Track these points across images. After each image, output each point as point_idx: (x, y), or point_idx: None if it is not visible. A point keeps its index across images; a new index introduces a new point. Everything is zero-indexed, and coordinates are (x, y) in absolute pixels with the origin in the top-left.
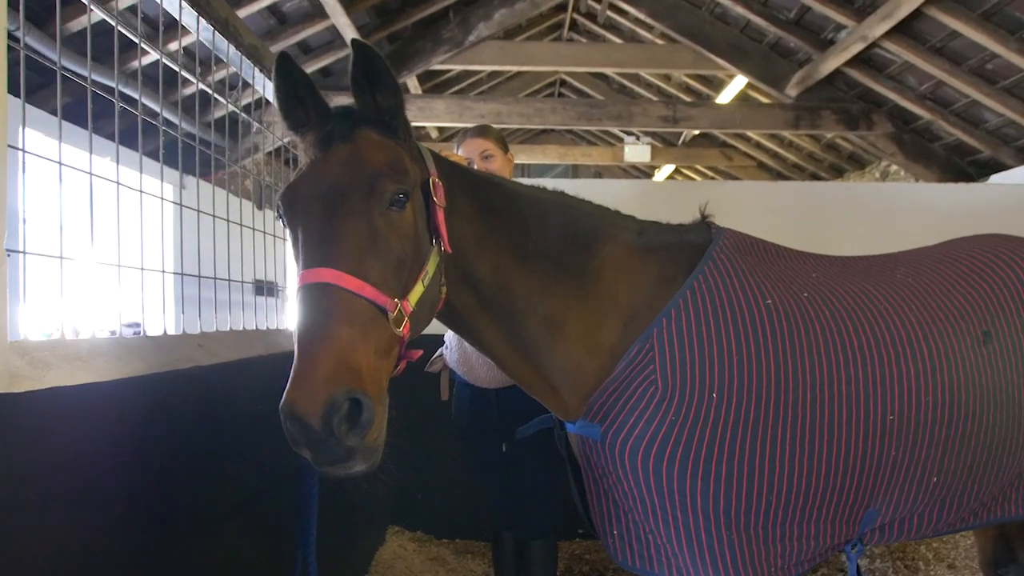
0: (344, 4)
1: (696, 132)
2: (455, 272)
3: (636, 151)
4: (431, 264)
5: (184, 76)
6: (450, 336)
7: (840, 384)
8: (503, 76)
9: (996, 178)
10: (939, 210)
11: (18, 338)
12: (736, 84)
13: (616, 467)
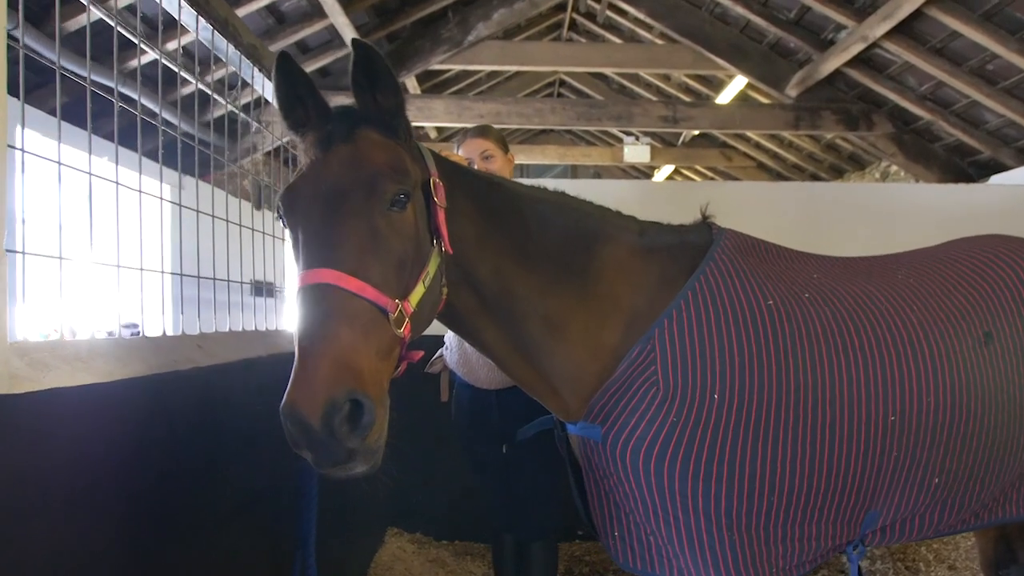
0: (343, 3)
1: (696, 132)
2: (456, 273)
3: (635, 151)
4: (432, 265)
5: (183, 76)
6: (450, 337)
7: (841, 385)
8: (502, 76)
9: (996, 179)
10: (939, 211)
11: (17, 339)
12: (736, 84)
13: (617, 468)
